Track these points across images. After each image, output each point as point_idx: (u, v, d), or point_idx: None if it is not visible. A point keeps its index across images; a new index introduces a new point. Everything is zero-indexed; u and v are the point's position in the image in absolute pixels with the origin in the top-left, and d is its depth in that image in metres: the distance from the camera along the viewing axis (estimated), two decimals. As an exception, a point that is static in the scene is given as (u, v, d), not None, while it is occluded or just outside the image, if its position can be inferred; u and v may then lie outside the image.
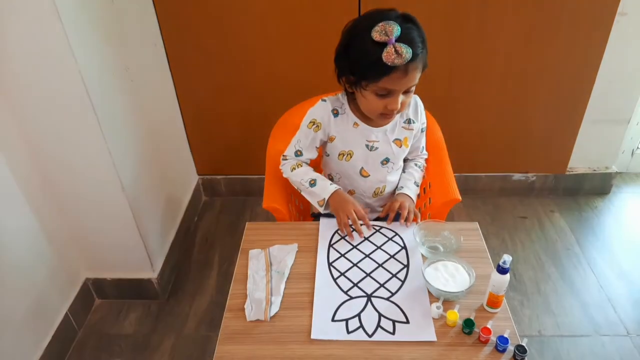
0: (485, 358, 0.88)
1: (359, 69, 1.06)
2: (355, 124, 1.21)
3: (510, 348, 0.87)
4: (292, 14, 1.78)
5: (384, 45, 0.98)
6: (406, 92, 1.09)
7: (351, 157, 1.24)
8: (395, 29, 0.98)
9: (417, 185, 1.33)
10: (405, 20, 1.04)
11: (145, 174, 1.69)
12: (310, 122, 1.22)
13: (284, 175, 1.28)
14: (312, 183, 1.21)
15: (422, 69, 1.07)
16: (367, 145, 1.23)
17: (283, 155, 1.29)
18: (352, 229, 1.15)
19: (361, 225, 1.15)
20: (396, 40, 0.98)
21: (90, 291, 1.75)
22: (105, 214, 1.55)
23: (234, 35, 1.84)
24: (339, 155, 1.24)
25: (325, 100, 1.23)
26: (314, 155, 1.27)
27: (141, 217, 1.62)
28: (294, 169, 1.25)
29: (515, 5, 1.76)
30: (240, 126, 2.09)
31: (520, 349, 0.86)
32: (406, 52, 0.98)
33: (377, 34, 0.99)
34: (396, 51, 0.98)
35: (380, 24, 0.99)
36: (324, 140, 1.26)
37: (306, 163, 1.28)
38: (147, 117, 1.71)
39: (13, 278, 1.36)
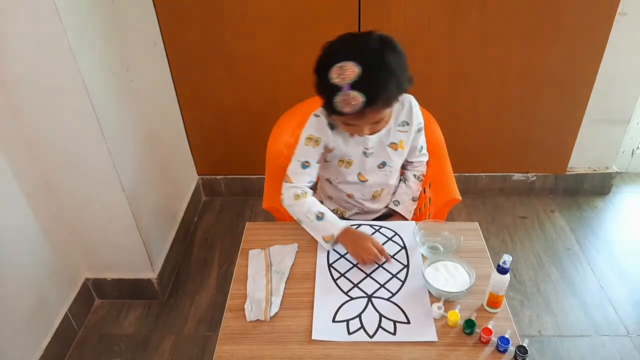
0: (486, 358, 0.88)
1: (323, 99, 1.02)
2: (351, 134, 1.20)
3: (511, 348, 0.87)
4: (293, 14, 1.78)
5: (339, 88, 0.94)
6: (374, 124, 1.09)
7: (350, 164, 1.24)
8: (352, 74, 0.92)
9: (415, 200, 1.35)
10: (378, 50, 0.97)
11: (146, 174, 1.69)
12: (308, 139, 1.18)
13: (285, 204, 1.18)
14: (320, 217, 1.12)
15: (390, 104, 1.05)
16: (364, 153, 1.22)
17: (286, 179, 1.20)
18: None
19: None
20: (352, 86, 0.93)
21: (90, 291, 1.75)
22: (105, 213, 1.55)
23: (234, 35, 1.84)
24: (339, 162, 1.24)
25: (318, 115, 1.19)
26: (318, 167, 1.21)
27: (141, 217, 1.61)
28: (299, 197, 1.16)
29: (515, 6, 1.75)
30: (240, 126, 2.09)
31: (522, 350, 0.86)
32: (355, 102, 0.93)
33: (334, 75, 0.94)
34: (346, 100, 0.93)
35: (339, 64, 0.93)
36: (323, 152, 1.22)
37: (311, 185, 1.21)
38: (147, 117, 1.70)
39: (13, 278, 1.36)
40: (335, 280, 1.04)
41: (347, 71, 0.93)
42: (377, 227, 1.18)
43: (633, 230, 2.08)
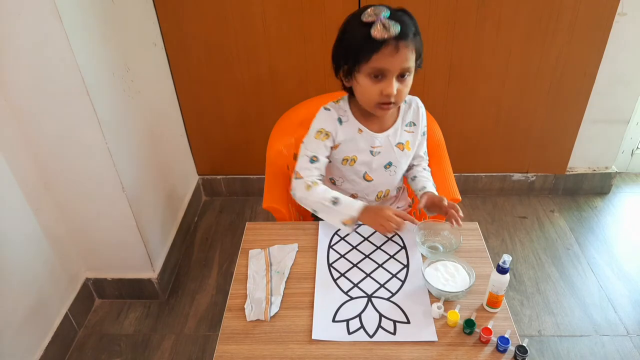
0: (485, 358, 0.88)
1: (352, 51, 1.07)
2: (360, 130, 1.19)
3: (511, 348, 0.87)
4: (293, 14, 1.78)
5: (373, 24, 1.01)
6: (401, 78, 1.08)
7: (355, 162, 1.23)
8: (385, 10, 1.01)
9: (434, 186, 1.32)
10: (398, 9, 1.06)
11: (146, 174, 1.69)
12: (318, 132, 1.18)
13: (297, 196, 1.18)
14: (335, 202, 1.13)
15: (415, 55, 1.07)
16: (371, 151, 1.22)
17: (295, 175, 1.20)
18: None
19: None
20: (385, 19, 1.01)
21: (90, 291, 1.75)
22: (105, 213, 1.55)
23: (234, 35, 1.84)
24: (343, 160, 1.23)
25: (329, 109, 1.20)
26: (326, 162, 1.21)
27: (141, 217, 1.62)
28: (310, 187, 1.16)
29: (514, 5, 1.76)
30: (240, 126, 2.09)
31: (521, 350, 0.86)
32: (394, 26, 1.00)
33: (366, 16, 1.02)
34: (384, 26, 1.00)
35: (371, 7, 1.02)
36: (332, 147, 1.22)
37: (321, 178, 1.20)
38: (147, 117, 1.71)
39: (13, 278, 1.36)
40: (335, 280, 1.04)
41: (379, 9, 1.01)
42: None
43: (633, 230, 2.08)
